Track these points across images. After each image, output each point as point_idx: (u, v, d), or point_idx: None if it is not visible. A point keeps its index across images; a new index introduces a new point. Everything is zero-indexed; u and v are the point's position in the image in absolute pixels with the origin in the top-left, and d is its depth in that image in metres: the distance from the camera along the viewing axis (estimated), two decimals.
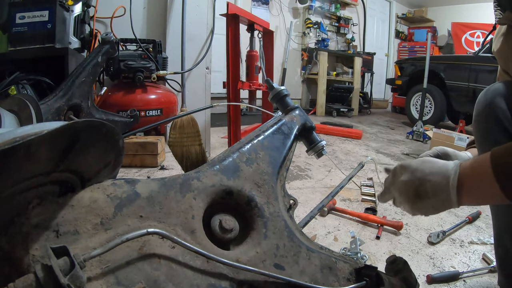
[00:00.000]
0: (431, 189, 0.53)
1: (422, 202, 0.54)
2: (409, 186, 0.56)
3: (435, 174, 0.53)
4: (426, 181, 0.53)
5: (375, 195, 1.76)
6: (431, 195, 0.53)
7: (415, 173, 0.55)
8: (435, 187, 0.52)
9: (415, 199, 0.55)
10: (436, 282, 1.04)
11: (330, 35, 6.05)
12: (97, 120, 0.40)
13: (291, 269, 0.53)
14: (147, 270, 0.42)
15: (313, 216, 0.87)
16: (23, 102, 1.22)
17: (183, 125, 0.95)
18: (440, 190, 0.52)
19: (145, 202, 0.47)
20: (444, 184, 0.52)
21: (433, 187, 0.53)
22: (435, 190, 0.52)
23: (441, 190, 0.52)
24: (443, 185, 0.52)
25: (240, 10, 2.14)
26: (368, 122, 4.84)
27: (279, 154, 0.62)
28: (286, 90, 0.75)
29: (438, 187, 0.52)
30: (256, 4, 5.07)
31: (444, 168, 0.53)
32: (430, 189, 0.53)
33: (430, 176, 0.53)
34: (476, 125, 0.85)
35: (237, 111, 2.18)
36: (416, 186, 0.55)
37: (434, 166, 0.54)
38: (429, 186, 0.53)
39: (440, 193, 0.52)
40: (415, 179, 0.55)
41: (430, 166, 0.55)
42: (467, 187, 0.51)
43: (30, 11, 1.87)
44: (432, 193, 0.53)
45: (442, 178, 0.52)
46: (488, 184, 0.48)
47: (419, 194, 0.54)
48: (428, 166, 0.54)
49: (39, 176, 0.40)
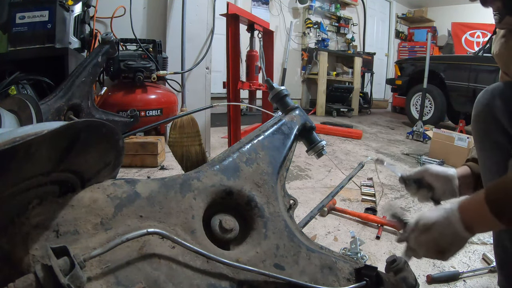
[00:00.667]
0: (448, 245, 0.61)
1: (445, 254, 0.63)
2: (431, 251, 0.64)
3: (446, 235, 0.61)
4: (441, 242, 0.61)
5: (375, 195, 1.76)
6: (451, 248, 0.61)
7: (430, 242, 0.63)
8: (451, 243, 0.61)
9: (439, 255, 0.63)
10: (436, 282, 1.04)
11: (330, 35, 6.04)
12: (97, 120, 0.40)
13: (291, 269, 0.53)
14: (147, 270, 0.42)
15: (313, 216, 0.87)
16: (23, 102, 1.22)
17: (183, 125, 0.95)
18: (455, 241, 0.60)
19: (145, 202, 0.47)
20: (456, 236, 0.59)
21: (449, 244, 0.61)
22: (451, 244, 0.61)
23: (456, 240, 0.60)
24: (456, 237, 0.59)
25: (240, 10, 2.14)
26: (368, 122, 4.84)
27: (279, 154, 0.62)
28: (286, 90, 0.75)
29: (453, 241, 0.60)
30: (256, 4, 5.07)
31: (450, 224, 0.60)
32: (447, 246, 0.61)
33: (442, 237, 0.61)
34: (474, 126, 0.85)
35: (237, 111, 2.18)
36: (436, 249, 0.63)
37: (440, 228, 0.61)
38: (446, 244, 0.61)
39: (456, 242, 0.60)
40: (433, 245, 0.63)
41: (437, 230, 0.62)
42: (476, 226, 0.58)
43: (30, 11, 1.87)
44: (450, 246, 0.61)
45: (452, 235, 0.60)
46: (490, 220, 0.55)
47: (441, 252, 0.62)
48: (437, 232, 0.62)
49: (39, 176, 0.40)
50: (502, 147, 0.78)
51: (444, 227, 0.60)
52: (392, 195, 1.84)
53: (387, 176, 2.16)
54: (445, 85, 4.09)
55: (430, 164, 0.85)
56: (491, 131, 0.79)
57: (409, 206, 1.70)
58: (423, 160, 2.55)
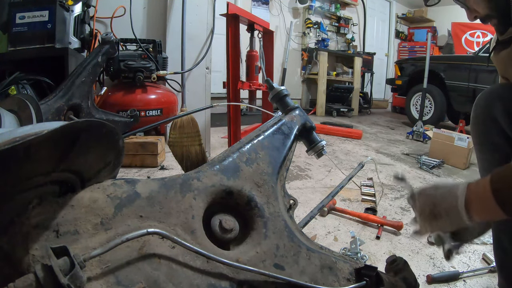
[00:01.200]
0: (444, 211, 0.60)
1: (438, 221, 0.61)
2: (426, 208, 0.63)
3: (446, 198, 0.60)
4: (439, 205, 0.61)
5: (375, 195, 1.76)
6: (444, 215, 0.60)
7: (429, 198, 0.63)
8: (447, 209, 0.59)
9: (432, 219, 0.62)
10: (436, 282, 1.04)
11: (330, 35, 6.04)
12: (97, 120, 0.40)
13: (291, 269, 0.53)
14: (147, 270, 0.42)
15: (313, 216, 0.87)
16: (23, 102, 1.22)
17: (183, 125, 0.95)
18: (451, 211, 0.59)
19: (145, 202, 0.47)
20: (454, 206, 0.58)
21: (445, 210, 0.59)
22: (447, 211, 0.59)
23: (452, 211, 0.58)
24: (453, 207, 0.58)
25: (240, 10, 2.14)
26: (368, 122, 4.84)
27: (279, 154, 0.62)
28: (286, 90, 0.75)
29: (449, 209, 0.59)
30: (256, 4, 5.07)
31: (454, 192, 0.59)
32: (443, 211, 0.60)
33: (442, 199, 0.60)
34: (473, 128, 0.85)
35: (237, 111, 2.18)
36: (431, 209, 0.62)
37: (445, 190, 0.61)
38: (442, 208, 0.60)
39: (452, 214, 0.58)
40: (430, 203, 0.62)
41: (441, 191, 0.62)
42: (475, 209, 0.56)
43: (30, 11, 1.87)
44: (445, 214, 0.60)
45: (451, 201, 0.58)
46: (491, 207, 0.53)
47: (434, 215, 0.61)
48: (440, 192, 0.61)
49: (39, 176, 0.40)
50: (501, 149, 0.79)
51: (448, 193, 0.59)
52: (392, 195, 1.84)
53: (387, 176, 2.16)
54: (445, 85, 4.09)
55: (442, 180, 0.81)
56: (490, 133, 0.79)
57: (409, 206, 1.70)
58: (423, 160, 2.55)
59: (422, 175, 2.29)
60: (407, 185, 0.71)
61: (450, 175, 2.32)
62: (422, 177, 2.22)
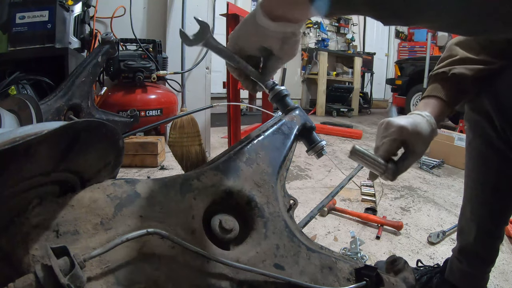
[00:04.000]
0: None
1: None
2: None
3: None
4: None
5: (375, 195, 1.76)
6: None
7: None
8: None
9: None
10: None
11: (330, 35, 6.04)
12: (97, 120, 0.40)
13: (291, 269, 0.53)
14: (147, 270, 0.42)
15: (313, 216, 0.87)
16: (23, 102, 1.23)
17: (183, 125, 0.95)
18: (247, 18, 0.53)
19: (145, 202, 0.47)
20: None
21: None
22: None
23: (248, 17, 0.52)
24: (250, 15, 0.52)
25: (240, 10, 2.14)
26: (368, 122, 4.84)
27: (279, 154, 0.62)
28: (286, 90, 0.75)
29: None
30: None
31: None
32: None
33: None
34: (466, 117, 0.86)
35: (237, 111, 2.18)
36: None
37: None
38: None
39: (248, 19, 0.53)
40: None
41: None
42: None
43: (30, 11, 1.87)
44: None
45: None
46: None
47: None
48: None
49: (39, 176, 0.40)
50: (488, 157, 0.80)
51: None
52: (392, 195, 1.84)
53: None
54: None
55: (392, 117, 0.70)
56: (480, 122, 0.80)
57: (409, 206, 1.70)
58: (423, 160, 2.55)
59: (422, 175, 2.29)
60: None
61: (450, 175, 2.32)
62: (422, 177, 2.22)
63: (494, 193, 0.79)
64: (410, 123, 0.63)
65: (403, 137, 0.63)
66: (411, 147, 0.64)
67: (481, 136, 0.79)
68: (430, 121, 0.65)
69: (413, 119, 0.65)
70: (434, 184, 2.10)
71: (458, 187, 2.04)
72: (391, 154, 0.65)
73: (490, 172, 0.79)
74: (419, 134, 0.63)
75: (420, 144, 0.64)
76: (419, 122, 0.64)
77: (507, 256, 1.24)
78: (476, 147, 0.81)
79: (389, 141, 0.64)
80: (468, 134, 0.85)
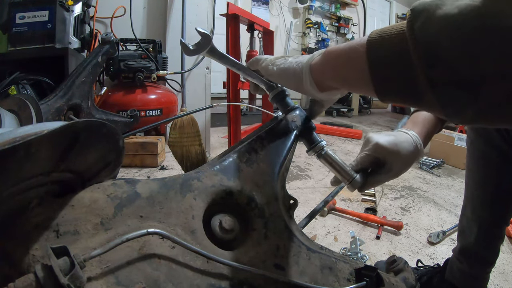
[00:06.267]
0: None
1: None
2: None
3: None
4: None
5: (375, 195, 1.76)
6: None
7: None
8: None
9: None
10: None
11: (330, 35, 6.05)
12: (97, 120, 0.40)
13: (291, 269, 0.53)
14: (147, 270, 0.42)
15: (313, 216, 0.87)
16: (23, 102, 1.23)
17: (183, 125, 0.95)
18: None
19: (145, 202, 0.47)
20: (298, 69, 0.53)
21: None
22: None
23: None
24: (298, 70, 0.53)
25: (240, 10, 2.14)
26: (368, 122, 4.84)
27: (279, 154, 0.62)
28: (286, 90, 0.75)
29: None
30: (256, 4, 5.07)
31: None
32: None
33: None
34: (468, 134, 0.87)
35: (237, 111, 2.18)
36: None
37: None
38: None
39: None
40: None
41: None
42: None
43: (30, 11, 1.87)
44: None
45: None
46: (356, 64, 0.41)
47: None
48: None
49: (39, 176, 0.40)
50: (489, 157, 0.80)
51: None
52: (392, 195, 1.84)
53: None
54: None
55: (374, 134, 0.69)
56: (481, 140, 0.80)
57: (409, 206, 1.70)
58: (423, 160, 2.55)
59: (422, 175, 2.29)
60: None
61: (450, 175, 2.32)
62: (422, 177, 2.22)
63: (495, 194, 0.79)
64: (389, 141, 0.62)
65: (377, 154, 0.62)
66: (388, 165, 0.62)
67: (483, 136, 0.79)
68: (414, 141, 0.63)
69: (395, 137, 0.63)
70: (434, 184, 2.10)
71: (458, 187, 2.04)
72: (362, 166, 0.64)
73: (491, 172, 0.79)
74: (397, 154, 0.61)
75: (399, 164, 0.61)
76: (401, 142, 0.62)
77: (507, 256, 1.24)
78: (478, 147, 0.81)
79: (364, 155, 0.64)
80: (469, 134, 0.85)
